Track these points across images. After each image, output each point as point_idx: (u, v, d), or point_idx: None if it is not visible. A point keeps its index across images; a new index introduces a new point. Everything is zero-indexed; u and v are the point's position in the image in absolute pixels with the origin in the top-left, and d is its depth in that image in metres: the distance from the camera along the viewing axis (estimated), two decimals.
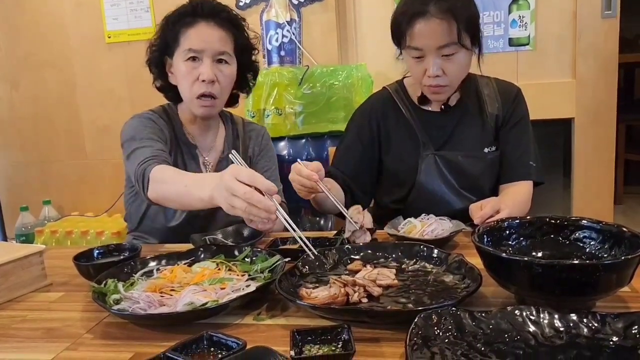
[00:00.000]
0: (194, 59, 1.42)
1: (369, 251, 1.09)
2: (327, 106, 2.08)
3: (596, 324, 0.70)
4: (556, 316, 0.72)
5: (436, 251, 1.03)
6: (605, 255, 0.88)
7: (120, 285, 0.95)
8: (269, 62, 2.33)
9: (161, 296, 0.91)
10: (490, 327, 0.72)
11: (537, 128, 1.56)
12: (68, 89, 2.79)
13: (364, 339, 0.77)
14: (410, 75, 1.53)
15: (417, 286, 0.93)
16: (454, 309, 0.75)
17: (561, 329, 0.71)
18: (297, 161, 1.23)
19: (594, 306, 0.82)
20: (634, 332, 0.68)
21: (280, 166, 1.70)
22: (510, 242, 0.96)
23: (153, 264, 1.08)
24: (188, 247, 1.19)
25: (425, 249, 1.05)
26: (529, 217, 0.98)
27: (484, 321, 0.73)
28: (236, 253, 1.11)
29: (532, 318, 0.72)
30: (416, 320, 0.71)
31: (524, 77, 2.41)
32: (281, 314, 0.89)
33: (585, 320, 0.71)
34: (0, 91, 2.87)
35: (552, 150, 3.00)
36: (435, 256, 1.02)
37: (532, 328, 0.72)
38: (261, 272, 1.01)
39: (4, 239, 2.82)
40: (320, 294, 0.86)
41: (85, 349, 0.82)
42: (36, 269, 1.10)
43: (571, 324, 0.71)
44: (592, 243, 0.91)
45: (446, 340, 0.70)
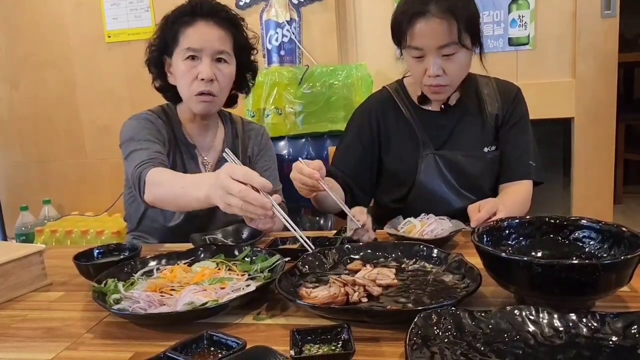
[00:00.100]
0: (193, 58, 1.42)
1: (369, 251, 1.09)
2: (326, 106, 2.08)
3: (595, 324, 0.70)
4: (555, 316, 0.72)
5: (436, 251, 1.03)
6: (605, 255, 0.88)
7: (120, 285, 0.95)
8: (269, 62, 2.33)
9: (161, 296, 0.91)
10: (490, 326, 0.72)
11: (536, 127, 1.56)
12: (68, 88, 2.79)
13: (364, 339, 0.77)
14: (410, 75, 1.53)
15: (416, 286, 0.93)
16: (453, 308, 0.75)
17: (560, 328, 0.71)
18: (299, 159, 1.23)
19: (593, 306, 0.82)
20: (633, 331, 0.68)
21: (280, 166, 1.70)
22: (509, 242, 0.96)
23: (153, 263, 1.08)
24: (188, 246, 1.19)
25: (425, 248, 1.05)
26: (528, 217, 0.98)
27: (484, 321, 0.73)
28: (236, 253, 1.11)
29: (532, 318, 0.72)
30: (416, 320, 0.71)
31: (523, 77, 2.41)
32: (281, 313, 0.89)
33: (584, 320, 0.71)
34: (0, 91, 2.87)
35: (552, 149, 3.00)
36: (435, 256, 1.02)
37: (531, 328, 0.72)
38: (261, 271, 1.01)
39: (4, 239, 2.82)
40: (320, 294, 0.86)
41: (85, 349, 0.82)
42: (36, 269, 1.10)
43: (570, 324, 0.71)
44: (591, 243, 0.91)
45: (446, 340, 0.70)
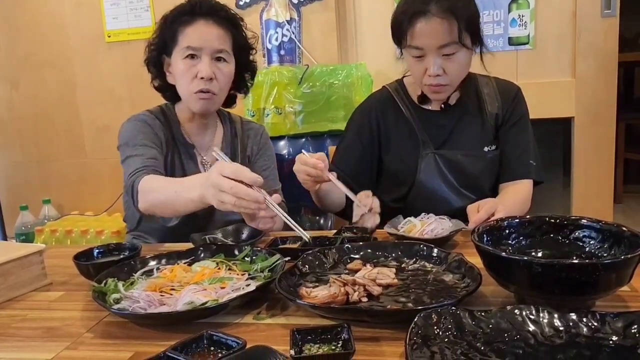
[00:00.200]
0: (192, 57, 1.42)
1: (369, 250, 1.08)
2: (326, 105, 2.08)
3: (596, 324, 0.70)
4: (556, 315, 0.72)
5: (436, 250, 1.03)
6: (605, 255, 0.88)
7: (120, 285, 0.95)
8: (269, 61, 2.33)
9: (161, 295, 0.91)
10: (490, 326, 0.72)
11: (536, 127, 1.56)
12: (68, 88, 2.79)
13: (364, 338, 0.77)
14: (410, 75, 1.53)
15: (416, 285, 0.93)
16: (453, 308, 0.74)
17: (561, 328, 0.71)
18: (302, 152, 1.24)
19: (593, 305, 0.82)
20: (633, 331, 0.68)
21: (280, 165, 1.70)
22: (509, 242, 0.96)
23: (153, 263, 1.08)
24: (188, 246, 1.18)
25: (425, 248, 1.05)
26: (528, 217, 0.98)
27: (484, 320, 0.73)
28: (236, 252, 1.11)
29: (532, 317, 0.72)
30: (416, 319, 0.71)
31: (523, 76, 2.41)
32: (281, 313, 0.89)
33: (584, 320, 0.71)
34: (0, 91, 2.87)
35: (552, 149, 3.00)
36: (435, 255, 1.02)
37: (531, 327, 0.71)
38: (261, 271, 1.01)
39: (4, 238, 2.82)
40: (320, 293, 0.86)
41: (85, 348, 0.82)
42: (36, 268, 1.10)
43: (571, 324, 0.71)
44: (591, 242, 0.91)
45: (446, 340, 0.70)
